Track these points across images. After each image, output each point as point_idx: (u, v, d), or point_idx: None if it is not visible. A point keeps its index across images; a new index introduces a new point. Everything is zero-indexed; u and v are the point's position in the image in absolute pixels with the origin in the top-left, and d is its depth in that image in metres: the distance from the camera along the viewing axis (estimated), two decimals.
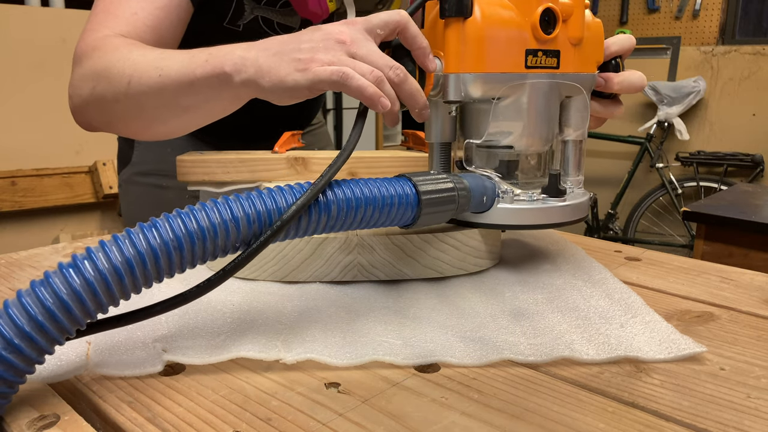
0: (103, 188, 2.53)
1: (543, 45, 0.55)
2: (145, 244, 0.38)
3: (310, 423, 0.37)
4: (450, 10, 0.54)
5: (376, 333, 0.47)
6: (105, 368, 0.42)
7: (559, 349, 0.44)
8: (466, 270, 0.60)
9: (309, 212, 0.45)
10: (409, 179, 0.52)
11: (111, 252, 0.37)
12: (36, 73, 2.36)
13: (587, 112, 0.61)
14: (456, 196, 0.53)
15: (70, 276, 0.36)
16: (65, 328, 0.36)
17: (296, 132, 0.86)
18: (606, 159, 3.81)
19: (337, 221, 0.47)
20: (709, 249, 1.69)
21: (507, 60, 0.55)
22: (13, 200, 2.37)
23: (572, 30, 0.56)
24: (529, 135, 0.58)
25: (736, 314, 0.54)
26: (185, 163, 0.78)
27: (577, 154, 0.63)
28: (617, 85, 0.61)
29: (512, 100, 0.57)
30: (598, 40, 0.59)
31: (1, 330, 0.34)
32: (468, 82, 0.56)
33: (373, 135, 3.55)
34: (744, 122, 3.34)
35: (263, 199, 0.43)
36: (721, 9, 3.40)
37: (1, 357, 0.34)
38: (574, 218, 0.59)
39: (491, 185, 0.57)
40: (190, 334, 0.47)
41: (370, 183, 0.49)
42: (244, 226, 0.41)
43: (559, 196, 0.57)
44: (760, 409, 0.38)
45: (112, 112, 0.65)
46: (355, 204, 0.47)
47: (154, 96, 0.60)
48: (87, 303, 0.36)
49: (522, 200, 0.57)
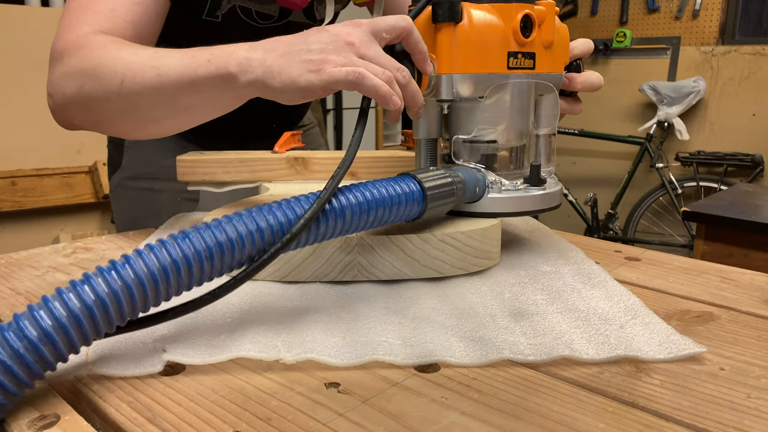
0: (103, 188, 2.53)
1: (522, 48, 0.61)
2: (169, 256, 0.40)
3: (310, 423, 0.37)
4: (443, 16, 0.58)
5: (376, 333, 0.47)
6: (105, 368, 0.42)
7: (559, 349, 0.44)
8: (466, 270, 0.60)
9: (325, 218, 0.47)
10: (413, 177, 0.55)
11: (137, 263, 0.39)
12: (36, 73, 2.36)
13: (557, 109, 0.67)
14: (455, 189, 0.57)
15: (98, 284, 0.38)
16: (85, 337, 0.38)
17: (296, 132, 0.86)
18: (606, 159, 3.81)
19: (352, 225, 0.49)
20: (709, 249, 1.69)
21: (492, 61, 0.60)
22: (13, 200, 2.37)
23: (545, 34, 0.61)
24: (510, 130, 0.64)
25: (736, 314, 0.54)
26: (185, 163, 0.78)
27: (548, 147, 0.68)
28: (579, 84, 0.68)
29: (496, 98, 0.62)
30: (564, 43, 0.65)
31: (9, 341, 0.35)
32: (458, 82, 0.60)
33: (373, 135, 3.55)
34: (744, 122, 3.34)
35: (277, 212, 0.45)
36: (721, 9, 3.40)
37: (14, 364, 0.35)
38: (553, 205, 0.65)
39: (482, 177, 0.62)
40: (190, 334, 0.47)
41: (378, 184, 0.51)
42: (258, 239, 0.44)
43: (540, 185, 0.63)
44: (760, 409, 0.38)
45: (102, 111, 0.64)
46: (368, 207, 0.49)
47: (150, 95, 0.59)
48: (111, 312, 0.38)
49: (509, 189, 0.63)
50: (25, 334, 0.35)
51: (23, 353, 0.35)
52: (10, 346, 0.35)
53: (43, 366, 0.36)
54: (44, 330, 0.35)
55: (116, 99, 0.61)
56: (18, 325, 0.35)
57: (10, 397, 0.35)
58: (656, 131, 3.44)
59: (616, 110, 3.75)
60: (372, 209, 0.50)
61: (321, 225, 0.47)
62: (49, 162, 2.45)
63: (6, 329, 0.35)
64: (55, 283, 0.60)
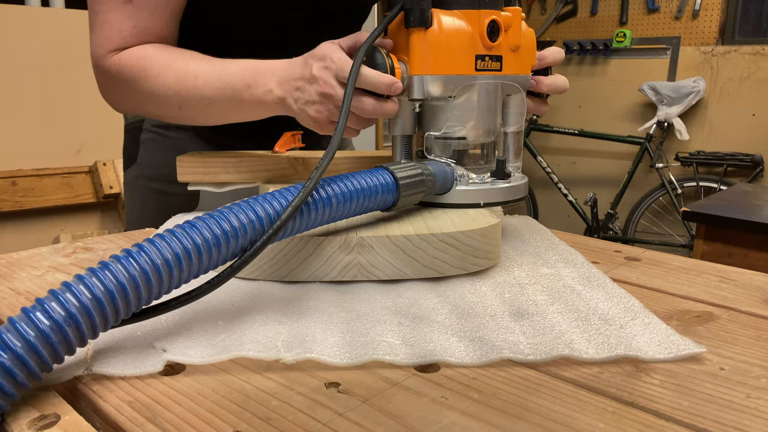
0: (103, 188, 2.53)
1: (489, 51, 0.65)
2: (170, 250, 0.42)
3: (310, 423, 0.37)
4: (413, 21, 0.63)
5: (376, 333, 0.47)
6: (105, 368, 0.42)
7: (559, 349, 0.44)
8: (466, 270, 0.60)
9: (315, 207, 0.52)
10: (386, 168, 0.60)
11: (140, 256, 0.41)
12: (36, 73, 2.36)
13: (524, 108, 0.71)
14: (425, 180, 0.63)
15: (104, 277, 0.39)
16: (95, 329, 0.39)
17: (296, 132, 0.86)
18: (606, 159, 3.81)
19: (338, 212, 0.54)
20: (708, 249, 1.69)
21: (460, 64, 0.65)
22: (14, 200, 2.37)
23: (512, 38, 0.66)
24: (478, 128, 0.68)
25: (735, 314, 0.54)
26: (185, 163, 0.78)
27: (516, 144, 0.73)
28: (546, 87, 0.72)
29: (465, 98, 0.67)
30: (531, 46, 0.69)
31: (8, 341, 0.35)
32: (428, 83, 0.65)
33: (373, 135, 3.55)
34: (744, 122, 3.34)
35: (263, 205, 0.48)
36: (721, 9, 3.40)
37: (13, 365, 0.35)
38: (517, 197, 0.70)
39: (450, 170, 0.67)
40: (190, 334, 0.47)
41: (357, 176, 0.57)
42: (250, 231, 0.47)
43: (505, 178, 0.68)
44: (759, 409, 0.38)
45: (160, 117, 0.80)
46: (350, 196, 0.55)
47: (206, 116, 0.74)
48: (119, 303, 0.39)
49: (476, 182, 0.68)
50: (23, 335, 0.35)
51: (22, 354, 0.35)
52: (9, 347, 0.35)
53: (41, 366, 0.36)
54: (42, 330, 0.35)
55: (177, 117, 0.75)
56: (15, 327, 0.35)
57: (6, 399, 0.36)
58: (656, 131, 3.44)
59: (616, 110, 3.75)
60: (354, 198, 0.55)
61: (311, 213, 0.51)
62: (49, 162, 2.44)
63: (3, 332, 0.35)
64: (55, 283, 0.60)
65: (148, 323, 0.48)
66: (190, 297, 0.45)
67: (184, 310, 0.50)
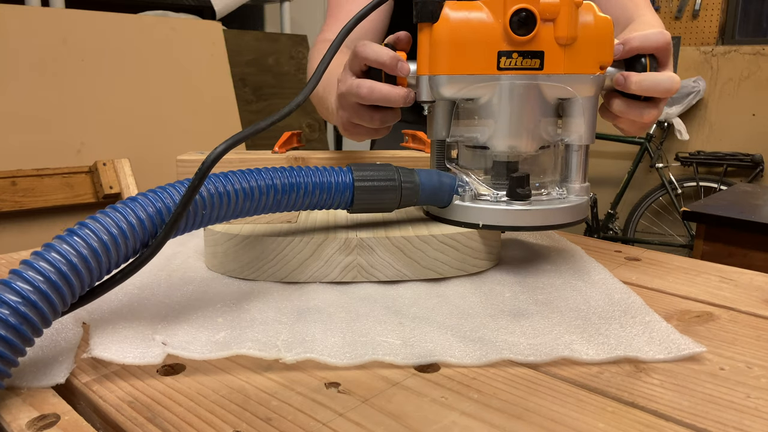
0: (103, 188, 2.52)
1: (519, 47, 0.55)
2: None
3: (310, 423, 0.37)
4: (418, 16, 0.56)
5: (376, 333, 0.47)
6: (105, 353, 0.42)
7: (559, 349, 0.44)
8: (466, 271, 0.60)
9: (251, 195, 0.50)
10: (350, 168, 0.56)
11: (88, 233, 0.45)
12: (36, 73, 2.36)
13: (589, 115, 0.59)
14: (398, 187, 0.57)
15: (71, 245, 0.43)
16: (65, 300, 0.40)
17: (296, 132, 0.86)
18: (606, 159, 3.81)
19: (282, 201, 0.53)
20: (708, 249, 1.69)
21: (476, 62, 0.56)
22: (13, 200, 2.37)
23: (560, 30, 0.55)
24: (507, 136, 0.58)
25: (735, 314, 0.54)
26: (185, 163, 0.78)
27: (579, 159, 0.61)
28: (634, 85, 0.59)
29: (485, 101, 0.58)
30: (602, 38, 0.57)
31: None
32: (439, 84, 0.58)
33: None
34: (744, 122, 3.34)
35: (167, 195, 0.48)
36: (721, 9, 3.40)
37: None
38: (534, 224, 0.58)
39: (449, 182, 0.59)
40: (189, 332, 0.47)
41: (312, 170, 0.54)
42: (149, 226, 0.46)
43: (521, 199, 0.57)
44: (759, 408, 0.38)
45: None
46: (298, 187, 0.53)
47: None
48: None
49: (484, 200, 0.59)
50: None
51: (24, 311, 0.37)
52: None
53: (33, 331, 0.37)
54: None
55: None
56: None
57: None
58: (656, 131, 3.44)
59: None
60: (302, 189, 0.53)
61: (262, 198, 0.51)
62: (49, 162, 2.44)
63: None
64: None
65: (147, 317, 0.48)
66: (111, 282, 0.45)
67: (182, 309, 0.50)
